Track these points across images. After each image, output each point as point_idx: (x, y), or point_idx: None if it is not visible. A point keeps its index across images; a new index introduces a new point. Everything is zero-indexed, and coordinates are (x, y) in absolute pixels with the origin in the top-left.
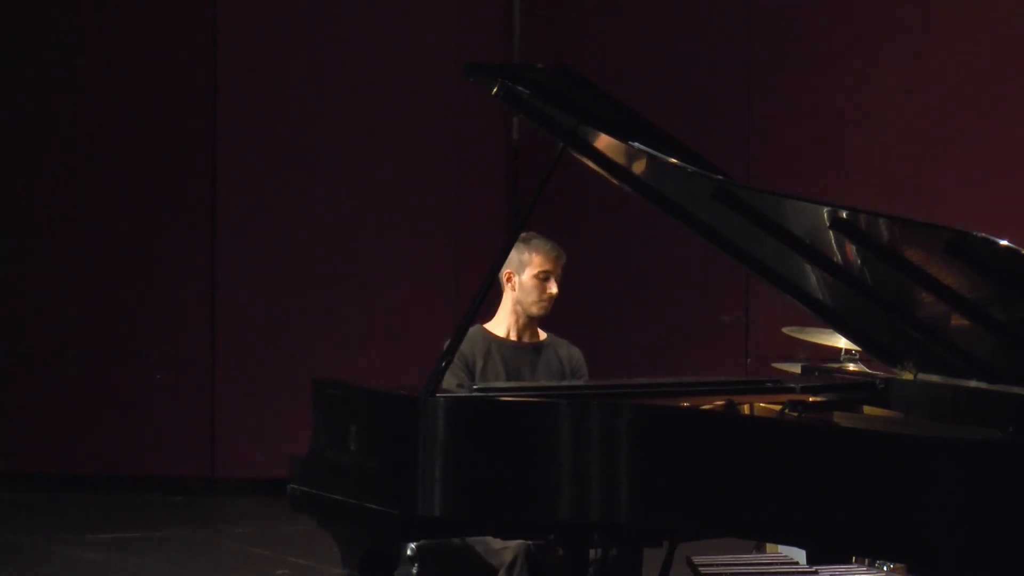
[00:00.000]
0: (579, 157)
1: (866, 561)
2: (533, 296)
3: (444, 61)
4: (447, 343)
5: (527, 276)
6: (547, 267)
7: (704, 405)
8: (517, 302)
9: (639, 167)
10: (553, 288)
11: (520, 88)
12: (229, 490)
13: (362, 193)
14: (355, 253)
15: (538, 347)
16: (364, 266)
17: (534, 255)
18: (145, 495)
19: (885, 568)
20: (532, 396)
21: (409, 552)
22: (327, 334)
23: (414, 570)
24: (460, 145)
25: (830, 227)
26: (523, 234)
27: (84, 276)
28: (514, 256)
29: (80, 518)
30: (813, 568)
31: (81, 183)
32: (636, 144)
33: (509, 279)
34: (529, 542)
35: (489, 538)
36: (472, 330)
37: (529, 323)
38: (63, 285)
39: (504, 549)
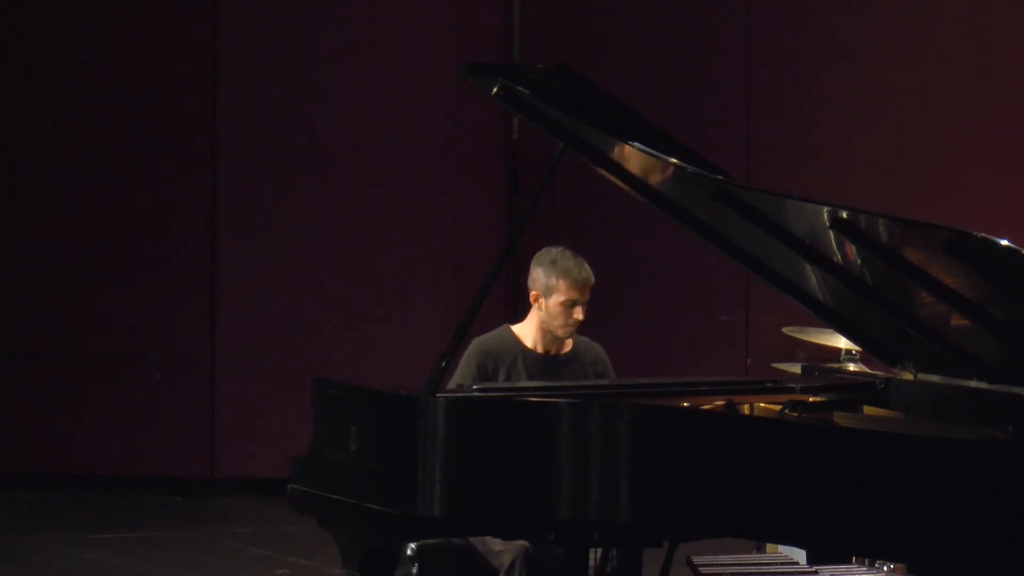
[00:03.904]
0: (579, 157)
1: (866, 561)
2: (559, 320)
3: (444, 61)
4: (447, 344)
5: (553, 302)
6: (573, 295)
7: (704, 405)
8: (543, 321)
9: (639, 167)
10: (579, 315)
11: (520, 88)
12: (229, 490)
13: (362, 193)
14: (355, 253)
15: (566, 360)
16: (364, 266)
17: (561, 282)
18: (145, 495)
19: (885, 568)
20: (532, 396)
21: (409, 552)
22: (327, 334)
23: (414, 570)
24: (460, 145)
25: (830, 227)
26: (551, 253)
27: (84, 276)
28: (541, 277)
29: (80, 518)
30: (813, 568)
31: (81, 183)
32: (636, 144)
33: (536, 300)
34: (527, 545)
35: (488, 539)
36: (499, 331)
37: (557, 338)
38: (63, 285)
39: (503, 551)
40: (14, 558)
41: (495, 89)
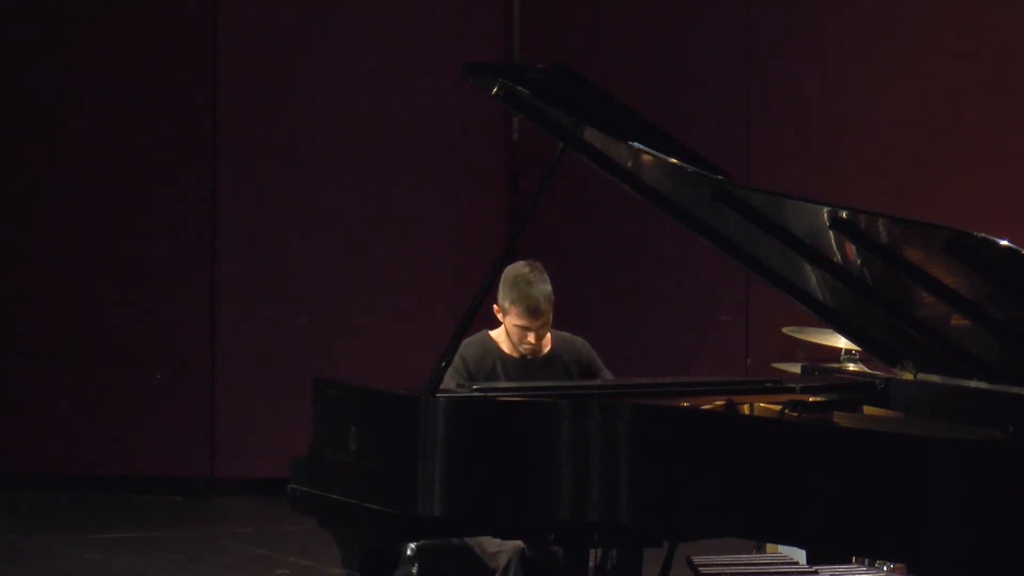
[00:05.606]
0: (579, 157)
1: (866, 561)
2: (515, 339)
3: (444, 61)
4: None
5: (508, 322)
6: (523, 323)
7: (704, 405)
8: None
9: (639, 167)
10: (532, 340)
11: (520, 88)
12: (229, 490)
13: (362, 193)
14: (355, 253)
15: (543, 362)
16: (364, 266)
17: (512, 307)
18: (145, 495)
19: (885, 568)
20: (532, 396)
21: (409, 552)
22: (327, 334)
23: (414, 570)
24: (460, 145)
25: (830, 227)
26: (515, 272)
27: (85, 276)
28: (500, 293)
29: (80, 518)
30: (813, 568)
31: (81, 183)
32: (636, 144)
33: (497, 312)
34: (523, 546)
35: (485, 541)
36: (478, 337)
37: None
38: (63, 285)
39: (499, 552)
40: (14, 558)
41: (495, 89)
